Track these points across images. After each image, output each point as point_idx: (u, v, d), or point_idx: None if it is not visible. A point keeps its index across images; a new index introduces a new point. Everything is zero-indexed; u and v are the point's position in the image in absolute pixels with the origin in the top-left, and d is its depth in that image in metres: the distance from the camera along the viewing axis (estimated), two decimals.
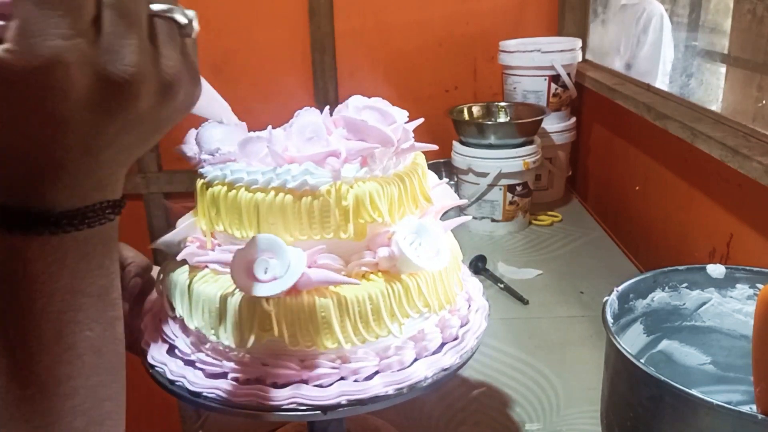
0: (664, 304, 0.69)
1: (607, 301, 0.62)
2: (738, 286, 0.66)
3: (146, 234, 1.86)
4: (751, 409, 0.49)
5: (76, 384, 0.33)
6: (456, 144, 1.40)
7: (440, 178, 1.55)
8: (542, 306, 1.07)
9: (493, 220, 1.37)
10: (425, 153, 0.63)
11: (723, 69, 2.01)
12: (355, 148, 0.54)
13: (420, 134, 0.60)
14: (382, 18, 1.71)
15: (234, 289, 0.52)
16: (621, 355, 0.55)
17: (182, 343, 0.57)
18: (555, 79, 1.49)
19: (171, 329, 0.58)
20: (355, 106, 0.58)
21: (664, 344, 0.70)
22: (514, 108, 1.50)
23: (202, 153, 0.57)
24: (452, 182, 1.50)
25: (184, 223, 0.59)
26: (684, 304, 0.69)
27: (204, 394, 0.53)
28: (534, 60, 1.48)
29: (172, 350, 0.58)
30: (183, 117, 0.36)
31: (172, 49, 0.33)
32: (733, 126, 0.97)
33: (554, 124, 1.52)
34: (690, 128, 1.00)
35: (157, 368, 0.57)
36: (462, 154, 1.37)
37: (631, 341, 0.68)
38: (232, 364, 0.53)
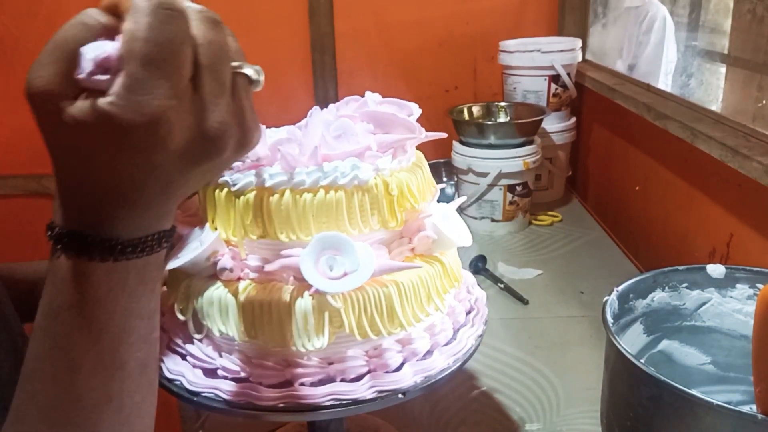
0: (664, 304, 0.69)
1: (607, 301, 0.62)
2: (738, 286, 0.66)
3: None
4: (751, 409, 0.49)
5: (123, 401, 0.35)
6: (456, 144, 1.40)
7: (440, 178, 1.56)
8: (542, 306, 1.07)
9: (493, 220, 1.37)
10: (425, 153, 0.64)
11: (723, 69, 2.01)
12: (387, 140, 0.56)
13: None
14: (382, 18, 1.71)
15: (295, 294, 0.51)
16: (621, 355, 0.55)
17: (200, 351, 0.56)
18: (555, 79, 1.49)
19: (193, 346, 0.57)
20: (374, 100, 0.61)
21: (664, 344, 0.70)
22: (514, 108, 1.50)
23: None
24: (452, 182, 1.50)
25: (200, 238, 0.55)
26: (684, 304, 0.69)
27: (231, 400, 0.53)
28: (534, 60, 1.48)
29: (181, 355, 0.58)
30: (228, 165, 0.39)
31: (249, 103, 0.36)
32: (733, 126, 0.97)
33: (554, 124, 1.52)
34: (690, 128, 1.00)
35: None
36: (462, 154, 1.37)
37: (631, 341, 0.68)
38: (258, 370, 0.54)
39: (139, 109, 0.31)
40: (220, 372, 0.54)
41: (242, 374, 0.54)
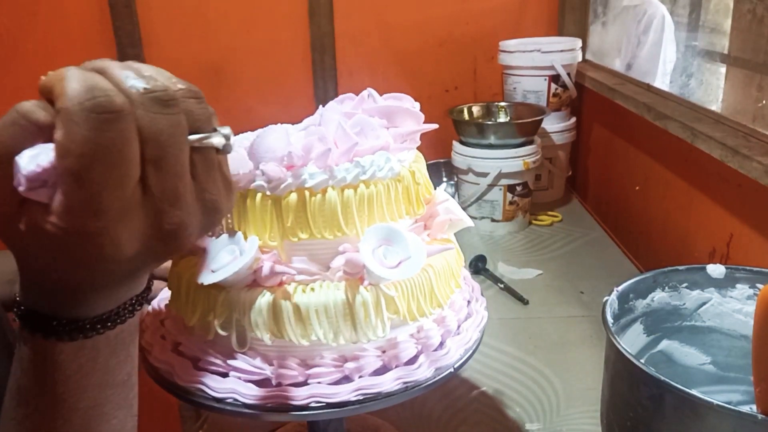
0: (664, 304, 0.69)
1: (607, 301, 0.62)
2: (738, 286, 0.66)
3: None
4: (751, 409, 0.49)
5: None
6: (456, 144, 1.40)
7: (440, 178, 1.56)
8: (542, 306, 1.07)
9: (493, 220, 1.37)
10: (425, 153, 0.65)
11: (723, 69, 2.01)
12: (402, 132, 0.59)
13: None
14: (382, 18, 1.71)
15: (352, 288, 0.52)
16: (621, 355, 0.55)
17: (247, 365, 0.55)
18: (555, 79, 1.49)
19: (238, 361, 0.55)
20: (376, 97, 0.63)
21: (664, 344, 0.70)
22: (514, 108, 1.50)
23: (260, 164, 0.54)
24: (452, 182, 1.50)
25: (239, 247, 0.53)
26: (684, 304, 0.69)
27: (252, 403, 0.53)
28: (534, 60, 1.48)
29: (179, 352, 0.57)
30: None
31: (213, 179, 0.33)
32: (733, 126, 0.97)
33: (554, 124, 1.53)
34: (690, 128, 1.00)
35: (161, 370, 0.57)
36: (462, 154, 1.37)
37: (631, 341, 0.68)
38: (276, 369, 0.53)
39: (82, 229, 0.28)
40: (274, 381, 0.53)
41: (300, 379, 0.54)
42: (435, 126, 0.61)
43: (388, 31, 1.72)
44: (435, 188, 0.63)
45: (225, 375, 0.54)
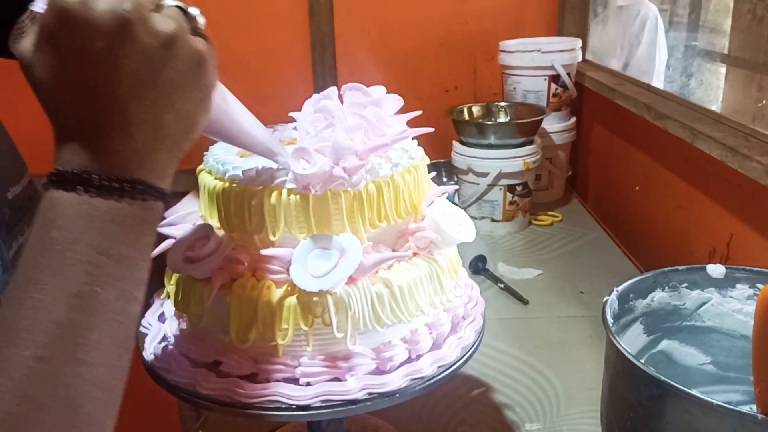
0: (664, 304, 0.68)
1: (607, 301, 0.62)
2: (738, 286, 0.66)
3: None
4: (751, 409, 0.49)
5: (75, 333, 0.34)
6: (456, 144, 1.40)
7: (440, 178, 1.56)
8: (542, 306, 1.07)
9: (493, 220, 1.37)
10: (425, 153, 0.64)
11: (723, 69, 2.01)
12: (374, 145, 0.58)
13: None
14: (382, 18, 1.71)
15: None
16: (621, 355, 0.55)
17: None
18: (555, 79, 1.49)
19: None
20: (364, 90, 0.64)
21: (664, 344, 0.70)
22: (514, 108, 1.50)
23: (342, 161, 0.55)
24: (452, 182, 1.50)
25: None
26: (684, 304, 0.69)
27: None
28: (534, 60, 1.48)
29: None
30: (208, 101, 0.40)
31: (199, 26, 0.39)
32: (733, 126, 0.97)
33: (554, 124, 1.52)
34: (690, 128, 1.00)
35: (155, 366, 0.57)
36: (462, 154, 1.37)
37: (631, 341, 0.68)
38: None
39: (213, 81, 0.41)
40: (224, 369, 0.55)
41: (246, 371, 0.55)
42: (423, 131, 0.61)
43: (388, 31, 1.72)
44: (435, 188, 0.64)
45: (296, 381, 0.54)
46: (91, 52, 0.34)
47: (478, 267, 1.18)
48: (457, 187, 1.37)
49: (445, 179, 1.56)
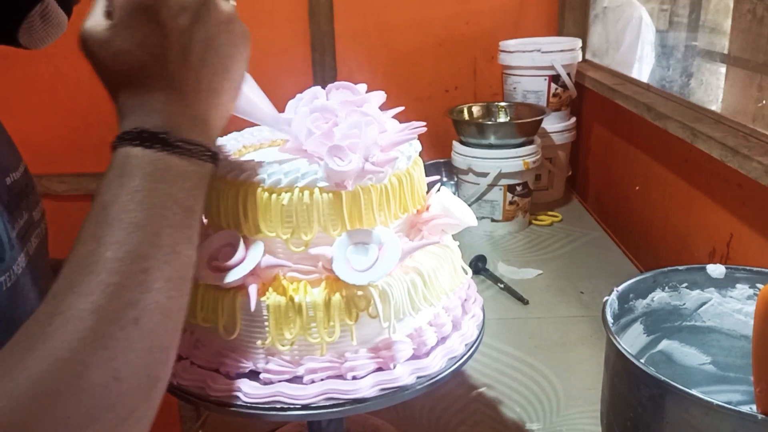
0: (664, 304, 0.69)
1: (607, 301, 0.62)
2: (738, 286, 0.66)
3: None
4: (751, 409, 0.49)
5: (146, 265, 0.37)
6: (456, 144, 1.40)
7: (440, 178, 1.56)
8: (542, 306, 1.07)
9: (493, 220, 1.37)
10: (425, 153, 0.65)
11: (723, 69, 2.01)
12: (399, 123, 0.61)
13: (420, 134, 0.61)
14: (382, 18, 1.71)
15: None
16: (621, 355, 0.55)
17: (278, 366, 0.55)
18: (555, 79, 1.49)
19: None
20: (353, 89, 0.63)
21: (664, 344, 0.70)
22: (514, 108, 1.50)
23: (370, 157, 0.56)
24: (452, 182, 1.50)
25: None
26: (684, 304, 0.69)
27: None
28: (534, 60, 1.48)
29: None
30: (245, 56, 0.46)
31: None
32: (733, 126, 0.97)
33: (554, 124, 1.52)
34: (690, 128, 1.00)
35: None
36: (462, 154, 1.37)
37: (631, 341, 0.68)
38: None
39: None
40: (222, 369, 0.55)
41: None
42: (417, 128, 0.62)
43: (388, 31, 1.72)
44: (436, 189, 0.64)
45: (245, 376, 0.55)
46: (177, 25, 0.40)
47: (478, 267, 1.18)
48: (437, 177, 1.37)
49: (445, 179, 1.56)
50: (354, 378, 0.53)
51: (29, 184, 0.57)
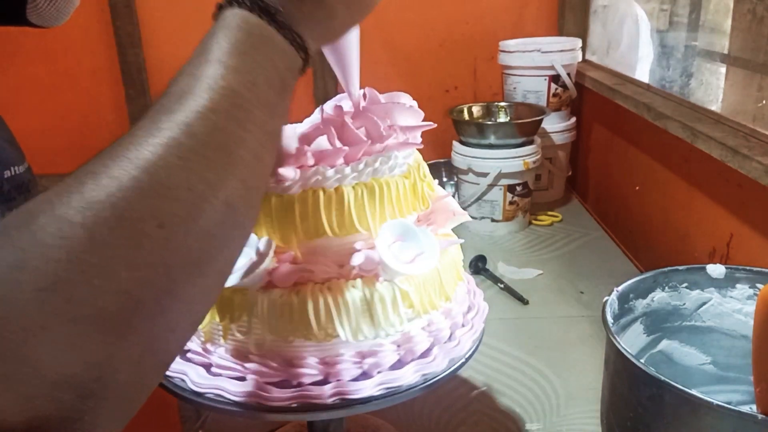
0: (664, 304, 0.69)
1: (607, 301, 0.62)
2: (738, 286, 0.66)
3: None
4: (751, 409, 0.49)
5: (242, 104, 0.36)
6: (456, 144, 1.40)
7: (440, 178, 1.56)
8: (542, 306, 1.07)
9: (493, 220, 1.37)
10: (425, 153, 0.65)
11: (723, 69, 2.01)
12: (404, 129, 0.59)
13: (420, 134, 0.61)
14: (382, 18, 1.71)
15: (363, 284, 0.52)
16: (621, 355, 0.55)
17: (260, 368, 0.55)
18: (555, 79, 1.49)
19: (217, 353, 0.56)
20: (373, 96, 0.63)
21: (664, 344, 0.70)
22: (514, 108, 1.50)
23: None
24: (452, 182, 1.50)
25: (255, 249, 0.54)
26: (684, 304, 0.69)
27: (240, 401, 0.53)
28: (534, 60, 1.48)
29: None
30: (363, 14, 0.45)
31: None
32: (733, 126, 0.97)
33: (554, 124, 1.52)
34: (690, 128, 1.00)
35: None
36: (462, 154, 1.37)
37: (631, 341, 0.68)
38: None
39: None
40: (294, 381, 0.53)
41: (283, 377, 0.54)
42: (433, 125, 0.61)
43: (388, 31, 1.72)
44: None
45: (242, 379, 0.53)
46: None
47: (478, 267, 1.18)
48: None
49: (445, 179, 1.56)
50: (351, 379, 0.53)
51: (32, 181, 0.57)
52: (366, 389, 0.52)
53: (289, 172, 0.52)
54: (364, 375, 0.54)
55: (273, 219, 0.54)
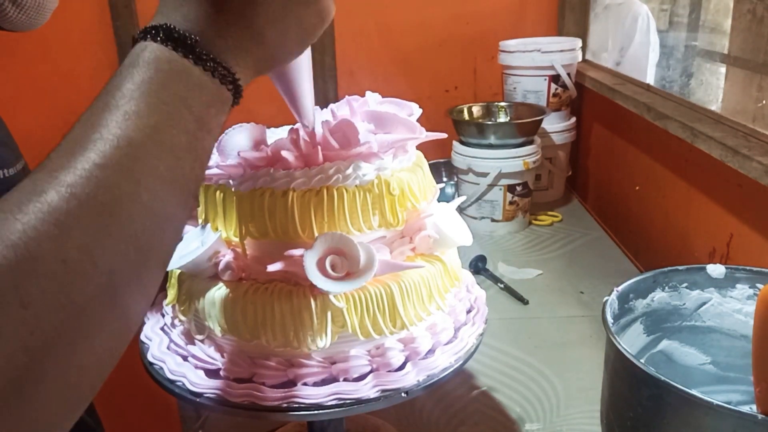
0: (664, 304, 0.68)
1: (607, 301, 0.62)
2: (738, 286, 0.66)
3: None
4: (751, 409, 0.49)
5: (140, 154, 0.33)
6: (456, 144, 1.40)
7: (440, 178, 1.56)
8: (542, 306, 1.07)
9: (493, 220, 1.37)
10: (425, 153, 0.64)
11: (723, 69, 2.01)
12: (388, 140, 0.57)
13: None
14: (383, 18, 1.71)
15: (298, 294, 0.51)
16: (621, 355, 0.55)
17: (202, 352, 0.56)
18: (555, 79, 1.49)
19: (195, 347, 0.57)
20: (375, 100, 0.62)
21: (664, 344, 0.70)
22: (514, 108, 1.50)
23: (227, 160, 0.55)
24: (452, 182, 1.50)
25: (201, 238, 0.56)
26: (684, 304, 0.69)
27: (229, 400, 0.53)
28: (534, 60, 1.48)
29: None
30: (309, 39, 0.43)
31: None
32: (733, 126, 0.97)
33: (554, 124, 1.52)
34: (690, 128, 1.00)
35: (155, 366, 0.57)
36: (462, 154, 1.37)
37: (631, 341, 0.68)
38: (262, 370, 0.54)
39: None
40: (222, 373, 0.54)
41: (245, 375, 0.54)
42: (435, 135, 0.61)
43: (388, 31, 1.72)
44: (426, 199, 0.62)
45: (185, 358, 0.56)
46: None
47: (478, 267, 1.18)
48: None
49: (445, 179, 1.56)
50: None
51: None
52: (318, 396, 0.52)
53: (238, 170, 0.53)
54: (324, 381, 0.54)
55: (222, 212, 0.54)
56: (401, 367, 0.55)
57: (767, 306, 0.48)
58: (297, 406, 0.52)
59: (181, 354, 0.57)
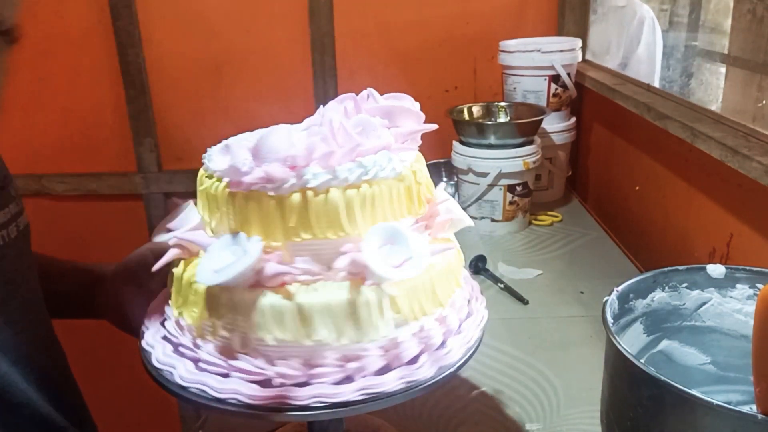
0: (664, 304, 0.68)
1: (607, 301, 0.62)
2: (738, 286, 0.66)
3: (146, 234, 1.86)
4: (751, 409, 0.49)
5: None
6: (456, 144, 1.40)
7: (440, 178, 1.56)
8: (542, 306, 1.07)
9: (493, 220, 1.37)
10: (425, 153, 0.65)
11: (723, 69, 2.01)
12: (403, 132, 0.59)
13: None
14: (382, 18, 1.71)
15: (354, 288, 0.52)
16: (621, 355, 0.55)
17: (250, 365, 0.54)
18: (555, 79, 1.49)
19: (239, 362, 0.54)
20: (376, 96, 0.63)
21: (664, 344, 0.70)
22: (514, 108, 1.50)
23: (262, 164, 0.54)
24: (452, 182, 1.50)
25: (243, 248, 0.54)
26: (684, 304, 0.69)
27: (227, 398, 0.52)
28: (534, 60, 1.48)
29: (177, 350, 0.57)
30: None
31: None
32: (733, 126, 0.97)
33: (554, 124, 1.53)
34: (690, 128, 1.00)
35: (157, 367, 0.57)
36: (462, 154, 1.37)
37: (631, 341, 0.68)
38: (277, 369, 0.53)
39: None
40: (276, 381, 0.53)
41: (303, 379, 0.53)
42: (434, 126, 0.61)
43: (388, 31, 1.72)
44: (435, 188, 0.64)
45: (226, 375, 0.53)
46: None
47: (478, 267, 1.18)
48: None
49: (445, 179, 1.56)
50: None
51: (8, 176, 0.58)
52: (346, 393, 0.51)
53: (279, 172, 0.52)
54: (348, 379, 0.53)
55: (262, 218, 0.53)
56: (414, 360, 0.55)
57: (767, 306, 0.48)
58: (300, 406, 0.51)
59: (222, 372, 0.54)
